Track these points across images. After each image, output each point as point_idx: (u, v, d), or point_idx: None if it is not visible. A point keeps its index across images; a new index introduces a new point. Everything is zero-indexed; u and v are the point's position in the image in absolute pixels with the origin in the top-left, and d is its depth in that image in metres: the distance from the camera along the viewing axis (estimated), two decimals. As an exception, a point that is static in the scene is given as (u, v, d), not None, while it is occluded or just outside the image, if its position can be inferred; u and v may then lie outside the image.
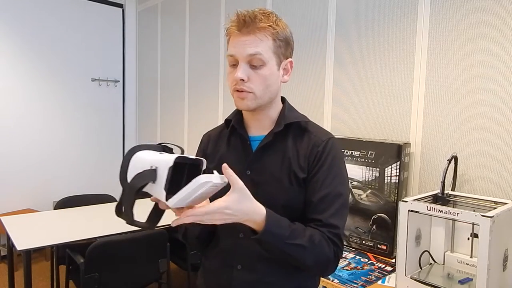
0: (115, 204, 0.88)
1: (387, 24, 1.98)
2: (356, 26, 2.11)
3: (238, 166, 1.02)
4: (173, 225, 0.85)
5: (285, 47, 1.00)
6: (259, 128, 1.07)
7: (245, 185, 0.95)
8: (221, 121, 3.07)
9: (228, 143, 1.11)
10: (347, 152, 1.89)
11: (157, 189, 0.80)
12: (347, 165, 1.09)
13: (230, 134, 1.11)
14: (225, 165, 0.84)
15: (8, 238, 2.12)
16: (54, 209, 2.70)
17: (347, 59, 2.16)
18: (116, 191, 4.60)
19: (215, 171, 0.84)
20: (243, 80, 0.96)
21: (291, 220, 0.94)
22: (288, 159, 1.01)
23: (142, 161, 0.84)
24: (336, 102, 2.22)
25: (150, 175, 0.80)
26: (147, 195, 0.85)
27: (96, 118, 4.05)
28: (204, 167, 0.87)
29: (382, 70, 2.00)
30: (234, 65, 0.98)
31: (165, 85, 3.77)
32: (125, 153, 0.87)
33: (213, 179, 0.80)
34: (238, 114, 1.12)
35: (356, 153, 1.85)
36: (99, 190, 3.51)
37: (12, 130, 3.54)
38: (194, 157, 0.85)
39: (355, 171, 1.85)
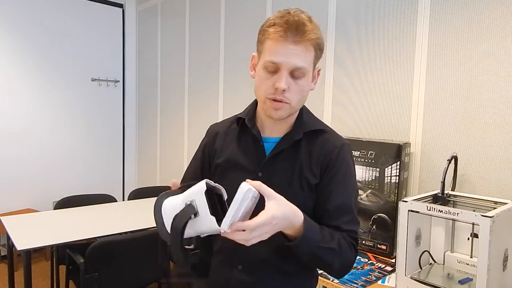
0: (115, 204, 0.86)
1: (387, 24, 1.98)
2: (356, 26, 2.11)
3: (249, 166, 1.03)
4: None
5: (320, 56, 0.99)
6: (274, 130, 1.04)
7: None
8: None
9: (238, 141, 1.08)
10: (347, 152, 1.89)
11: (203, 220, 0.77)
12: None
13: (240, 131, 1.08)
14: (248, 180, 0.82)
15: (8, 238, 2.12)
16: (54, 209, 2.70)
17: (347, 59, 2.16)
18: (116, 191, 4.60)
19: (243, 183, 0.79)
20: (284, 90, 0.92)
21: None
22: (301, 164, 1.00)
23: (174, 204, 0.80)
24: (336, 102, 2.22)
25: (188, 210, 0.77)
26: (190, 242, 0.82)
27: (96, 118, 4.05)
28: (225, 195, 0.84)
29: (382, 70, 2.00)
30: (272, 71, 0.93)
31: (165, 85, 3.77)
32: (154, 211, 0.83)
33: (252, 187, 0.78)
34: (251, 111, 1.08)
35: (356, 153, 1.85)
36: (99, 190, 3.51)
37: (12, 130, 3.54)
38: (214, 184, 0.82)
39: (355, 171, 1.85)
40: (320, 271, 1.25)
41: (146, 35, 4.03)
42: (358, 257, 1.76)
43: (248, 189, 0.76)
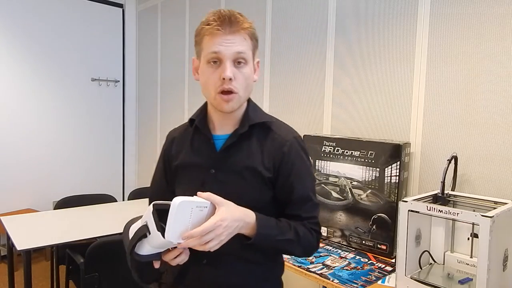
0: (115, 204, 0.95)
1: (387, 24, 1.98)
2: (356, 26, 2.11)
3: (202, 165, 1.07)
4: (172, 262, 0.93)
5: (256, 48, 1.04)
6: (224, 127, 1.08)
7: (210, 184, 1.03)
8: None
9: (191, 143, 1.12)
10: (347, 152, 1.89)
11: (154, 236, 0.85)
12: (347, 165, 1.13)
13: (194, 133, 1.12)
14: (199, 193, 0.89)
15: (8, 238, 2.12)
16: (54, 209, 2.70)
17: (347, 59, 2.16)
18: (116, 191, 4.61)
19: (195, 196, 0.88)
20: (231, 79, 0.96)
21: None
22: (252, 158, 1.03)
23: (135, 227, 0.91)
24: (336, 102, 2.22)
25: (141, 229, 0.87)
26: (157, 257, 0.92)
27: (96, 118, 4.05)
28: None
29: (382, 70, 2.00)
30: (216, 65, 0.98)
31: (165, 85, 3.77)
32: (123, 236, 0.94)
33: (194, 199, 0.86)
34: (202, 112, 1.12)
35: (356, 153, 1.85)
36: (99, 190, 3.51)
37: (12, 129, 3.54)
38: (164, 202, 0.89)
39: (355, 171, 1.85)
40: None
41: (146, 35, 4.03)
42: (358, 257, 1.76)
43: (180, 202, 0.83)
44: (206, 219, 0.88)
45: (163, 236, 0.83)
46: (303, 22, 2.39)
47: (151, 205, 0.87)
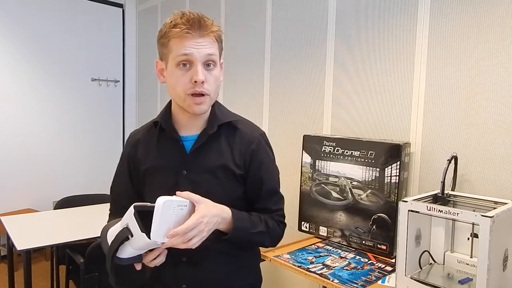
0: None
1: (387, 24, 1.98)
2: (356, 26, 2.11)
3: (173, 166, 1.08)
4: (150, 263, 0.94)
5: (222, 49, 1.08)
6: (190, 127, 1.10)
7: (183, 184, 1.04)
8: (221, 121, 3.07)
9: (158, 145, 1.12)
10: (347, 152, 1.89)
11: (138, 238, 0.85)
12: (347, 165, 1.17)
13: (159, 135, 1.12)
14: (178, 192, 0.91)
15: (8, 238, 2.12)
16: (54, 209, 2.70)
17: (347, 59, 2.16)
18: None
19: (174, 196, 0.90)
20: (203, 82, 0.98)
21: None
22: (223, 157, 1.07)
23: (114, 231, 0.90)
24: (336, 102, 2.22)
25: (123, 232, 0.87)
26: (138, 260, 0.92)
27: (96, 118, 4.05)
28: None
29: (382, 70, 2.00)
30: (186, 67, 0.98)
31: (165, 85, 3.77)
32: (101, 241, 0.94)
33: (174, 198, 0.88)
34: (166, 114, 1.13)
35: (356, 153, 1.85)
36: (99, 190, 3.50)
37: (12, 130, 3.54)
38: (143, 204, 0.90)
39: (355, 171, 1.85)
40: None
41: (146, 35, 4.03)
42: (358, 257, 1.76)
43: (164, 201, 0.84)
44: (187, 217, 0.90)
45: (148, 237, 0.83)
46: (303, 22, 2.39)
47: (132, 206, 0.87)
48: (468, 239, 1.48)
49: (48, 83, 3.71)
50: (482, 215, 1.18)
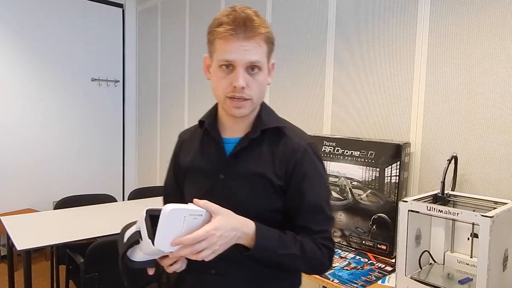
0: (115, 204, 0.93)
1: (387, 24, 1.98)
2: (356, 26, 2.11)
3: (211, 169, 1.02)
4: (168, 269, 0.89)
5: (273, 49, 0.99)
6: (235, 130, 1.03)
7: (218, 189, 0.99)
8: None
9: (201, 145, 1.08)
10: (347, 152, 1.89)
11: (145, 243, 0.83)
12: (347, 165, 1.09)
13: (203, 135, 1.09)
14: (195, 200, 0.85)
15: (8, 238, 2.12)
16: (54, 209, 2.70)
17: (347, 59, 2.16)
18: (116, 191, 4.60)
19: (190, 204, 0.85)
20: (244, 87, 0.92)
21: (271, 226, 0.93)
22: (262, 164, 0.98)
23: (129, 232, 0.88)
24: (336, 102, 2.22)
25: (134, 235, 0.85)
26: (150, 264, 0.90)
27: (96, 118, 4.05)
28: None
29: (382, 70, 2.00)
30: (228, 70, 0.93)
31: (165, 85, 3.77)
32: (118, 242, 0.91)
33: (186, 207, 0.83)
34: (212, 114, 1.09)
35: (356, 153, 1.85)
36: (99, 190, 3.51)
37: (12, 130, 3.54)
38: (157, 208, 0.87)
39: (355, 171, 1.85)
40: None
41: (146, 35, 4.03)
42: (358, 257, 1.76)
43: (170, 209, 0.80)
44: (199, 226, 0.84)
45: (153, 243, 0.81)
46: (303, 22, 2.39)
47: (145, 210, 0.84)
48: (468, 239, 1.48)
49: (48, 83, 3.71)
50: (482, 215, 1.18)
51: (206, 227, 0.82)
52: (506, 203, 1.36)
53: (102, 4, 4.00)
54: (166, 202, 1.22)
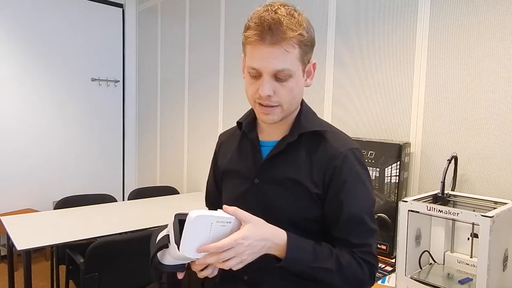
0: (115, 204, 0.93)
1: (387, 24, 1.98)
2: (356, 26, 2.11)
3: (246, 173, 0.99)
4: (199, 274, 0.87)
5: (311, 50, 0.91)
6: (272, 133, 0.98)
7: (252, 194, 0.95)
8: (221, 122, 3.08)
9: (239, 147, 1.05)
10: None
11: (172, 248, 0.81)
12: None
13: (242, 137, 1.05)
14: (225, 206, 0.82)
15: (8, 238, 2.12)
16: (54, 209, 2.70)
17: (347, 59, 2.16)
18: (116, 191, 4.60)
19: (219, 210, 0.82)
20: (269, 95, 0.87)
21: (306, 236, 0.90)
22: (298, 170, 0.93)
23: (161, 235, 0.87)
24: (336, 102, 2.22)
25: (164, 239, 0.84)
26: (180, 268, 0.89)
27: (96, 118, 4.05)
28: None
29: (382, 70, 2.00)
30: (255, 76, 0.89)
31: (165, 85, 3.77)
32: (150, 243, 0.90)
33: (213, 213, 0.80)
34: (250, 116, 1.04)
35: (356, 153, 1.85)
36: (99, 190, 3.51)
37: (12, 130, 3.54)
38: (185, 212, 0.86)
39: (355, 171, 1.85)
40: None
41: (146, 35, 4.03)
42: (358, 257, 1.76)
43: (196, 216, 0.77)
44: (227, 234, 0.82)
45: (178, 249, 0.79)
46: (303, 22, 2.39)
47: (174, 215, 0.83)
48: (468, 239, 1.48)
49: (48, 83, 3.71)
50: (482, 215, 1.18)
51: (233, 236, 0.79)
52: (506, 203, 1.36)
53: (102, 4, 4.00)
54: (206, 202, 1.21)
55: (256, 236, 0.81)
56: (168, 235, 0.83)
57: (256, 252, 0.82)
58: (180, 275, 0.88)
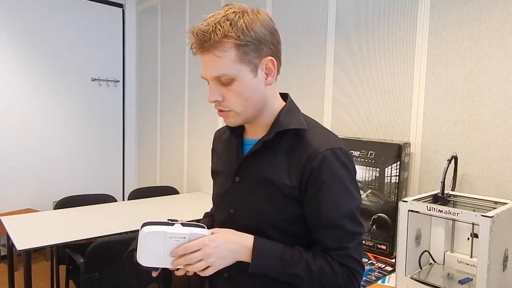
0: (115, 204, 0.95)
1: (387, 24, 1.98)
2: (356, 26, 2.11)
3: (229, 171, 0.99)
4: (176, 272, 0.89)
5: (256, 49, 0.87)
6: (255, 131, 0.98)
7: (233, 193, 0.97)
8: (221, 122, 3.07)
9: (227, 144, 1.06)
10: (347, 152, 1.89)
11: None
12: None
13: (230, 135, 1.05)
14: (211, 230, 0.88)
15: (8, 238, 2.12)
16: (54, 209, 2.70)
17: (347, 59, 2.16)
18: (116, 191, 4.61)
19: (175, 224, 0.86)
20: (218, 101, 0.89)
21: (290, 238, 0.90)
22: (274, 170, 0.90)
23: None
24: (336, 102, 2.22)
25: (135, 243, 0.88)
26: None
27: (96, 118, 4.05)
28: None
29: (382, 70, 2.00)
30: (208, 83, 0.92)
31: (165, 85, 3.77)
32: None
33: (165, 229, 0.83)
34: None
35: (356, 153, 1.85)
36: (99, 190, 3.51)
37: (12, 130, 3.54)
38: (167, 221, 0.88)
39: (355, 171, 1.85)
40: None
41: (146, 35, 4.03)
42: (358, 257, 1.76)
43: (147, 232, 0.83)
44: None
45: (136, 258, 0.85)
46: (303, 22, 2.39)
47: (142, 224, 0.87)
48: (468, 239, 1.48)
49: (48, 83, 3.71)
50: (482, 215, 1.18)
51: (201, 238, 0.84)
52: (506, 203, 1.36)
53: (102, 4, 4.00)
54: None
55: (223, 239, 0.85)
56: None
57: (225, 256, 0.85)
58: (154, 274, 0.92)
